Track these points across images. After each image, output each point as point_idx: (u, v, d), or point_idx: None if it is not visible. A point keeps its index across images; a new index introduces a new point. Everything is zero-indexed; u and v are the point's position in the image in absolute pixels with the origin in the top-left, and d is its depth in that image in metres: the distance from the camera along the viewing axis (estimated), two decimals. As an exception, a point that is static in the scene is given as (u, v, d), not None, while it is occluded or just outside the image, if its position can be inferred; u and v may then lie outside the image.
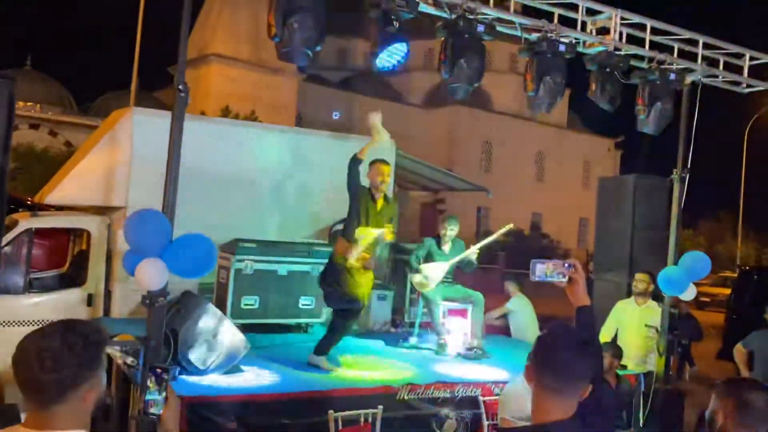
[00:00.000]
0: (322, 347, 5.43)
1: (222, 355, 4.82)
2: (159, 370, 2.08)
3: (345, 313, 5.51)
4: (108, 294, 6.87)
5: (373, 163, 5.56)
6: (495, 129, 39.28)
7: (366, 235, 5.32)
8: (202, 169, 7.14)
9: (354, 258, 5.32)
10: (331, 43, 40.26)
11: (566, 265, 2.39)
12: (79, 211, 7.28)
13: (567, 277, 2.37)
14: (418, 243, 7.43)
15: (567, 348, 1.89)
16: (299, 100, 33.89)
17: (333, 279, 5.46)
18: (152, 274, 3.63)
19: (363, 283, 5.46)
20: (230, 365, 4.90)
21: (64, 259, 7.85)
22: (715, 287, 24.69)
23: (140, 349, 3.71)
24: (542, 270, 2.40)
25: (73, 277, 7.22)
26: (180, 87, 3.85)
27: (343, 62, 41.24)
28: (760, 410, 2.11)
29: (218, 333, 4.78)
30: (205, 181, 7.13)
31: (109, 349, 3.23)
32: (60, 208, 7.41)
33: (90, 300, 6.84)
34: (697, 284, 5.94)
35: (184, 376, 4.60)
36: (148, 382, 1.99)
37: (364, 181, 5.57)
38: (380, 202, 5.50)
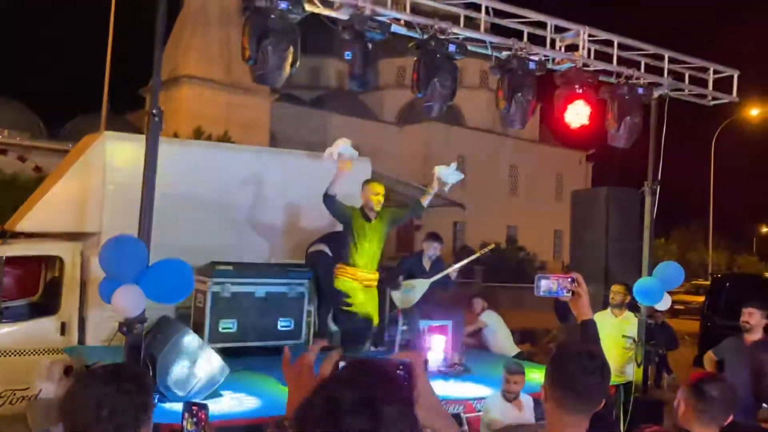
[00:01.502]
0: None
1: (201, 381, 4.76)
2: (194, 408, 2.02)
3: (356, 335, 5.56)
4: (82, 321, 6.76)
5: (366, 183, 5.68)
6: (468, 144, 39.60)
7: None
8: (175, 192, 7.08)
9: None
10: (304, 61, 40.30)
11: (570, 279, 2.42)
12: (51, 237, 7.16)
13: (570, 292, 2.41)
14: (398, 260, 7.46)
15: (579, 368, 1.89)
16: (272, 120, 33.84)
17: (340, 301, 5.44)
18: (129, 300, 3.59)
19: (368, 302, 5.50)
20: (210, 390, 4.84)
21: (36, 287, 7.71)
22: (689, 295, 25.01)
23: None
24: (548, 285, 2.42)
25: (46, 306, 7.09)
26: (153, 111, 3.83)
27: (316, 81, 41.36)
28: (717, 399, 2.20)
29: (197, 358, 4.73)
30: (179, 204, 7.07)
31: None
32: (32, 236, 7.29)
33: (63, 328, 6.73)
34: (671, 292, 6.03)
35: (163, 404, 4.54)
36: (184, 421, 1.93)
37: (352, 202, 5.65)
38: (373, 220, 5.56)
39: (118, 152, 6.91)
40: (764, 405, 4.80)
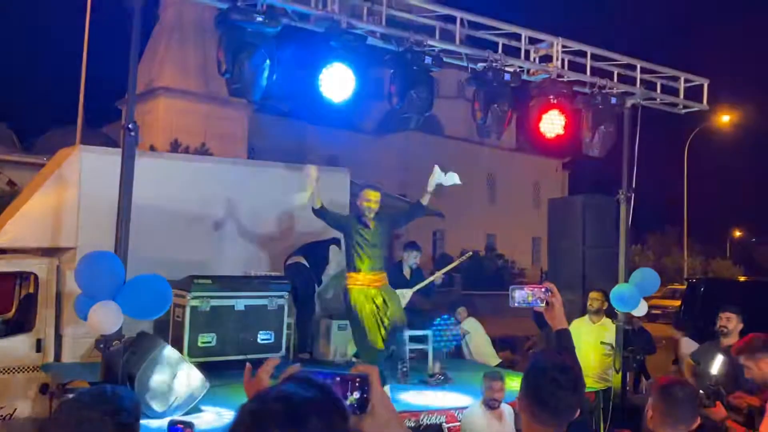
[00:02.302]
0: None
1: (181, 397, 4.71)
2: (180, 426, 2.00)
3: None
4: (58, 338, 6.65)
5: (361, 189, 5.70)
6: (447, 153, 39.70)
7: None
8: (152, 205, 7.03)
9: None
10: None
11: (544, 290, 2.45)
12: (26, 253, 7.05)
13: (545, 302, 2.43)
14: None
15: (552, 383, 1.91)
16: (250, 131, 33.72)
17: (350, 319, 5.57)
18: (106, 317, 3.55)
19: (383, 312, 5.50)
20: (190, 406, 4.79)
21: (10, 304, 7.57)
22: (665, 299, 25.33)
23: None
24: (522, 296, 2.45)
25: (21, 323, 6.96)
26: (129, 126, 3.81)
27: (293, 91, 41.27)
28: (682, 403, 2.24)
29: (176, 374, 4.68)
30: (157, 217, 7.01)
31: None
32: (5, 251, 7.17)
33: (39, 345, 6.61)
34: (648, 297, 6.12)
35: (143, 421, 4.48)
36: None
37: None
38: (372, 226, 5.58)
39: (93, 166, 6.84)
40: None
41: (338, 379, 1.30)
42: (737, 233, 56.61)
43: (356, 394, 1.29)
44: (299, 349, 7.16)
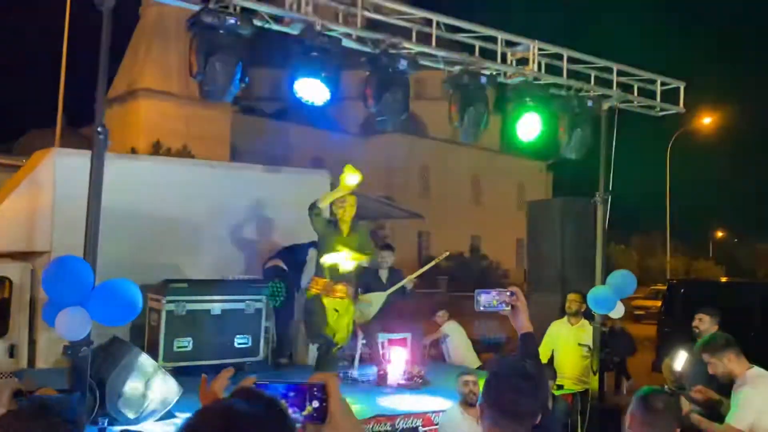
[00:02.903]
0: None
1: (154, 402, 4.65)
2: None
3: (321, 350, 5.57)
4: (32, 344, 6.56)
5: None
6: (431, 155, 39.89)
7: (326, 262, 5.39)
8: (129, 209, 6.96)
9: (322, 288, 5.34)
10: (265, 74, 40.18)
11: (509, 293, 2.43)
12: (4, 257, 6.94)
13: (510, 306, 2.42)
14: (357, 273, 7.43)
15: (516, 388, 1.90)
16: (233, 133, 33.56)
17: (307, 316, 5.59)
18: (73, 323, 3.50)
19: (335, 321, 5.50)
20: (163, 412, 4.74)
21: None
22: (649, 300, 25.51)
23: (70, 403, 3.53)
24: (487, 300, 2.43)
25: (-6, 328, 6.86)
26: (99, 129, 3.75)
27: (277, 93, 41.20)
28: (661, 412, 2.24)
29: (149, 380, 4.62)
30: (134, 221, 6.94)
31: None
32: None
33: (12, 351, 6.50)
34: (632, 298, 6.17)
35: (115, 427, 4.42)
36: None
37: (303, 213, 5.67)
38: (345, 232, 5.56)
39: (68, 169, 6.74)
40: None
41: (295, 389, 1.28)
42: (719, 234, 57.23)
43: (315, 403, 1.26)
44: (278, 354, 7.11)
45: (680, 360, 5.48)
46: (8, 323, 6.55)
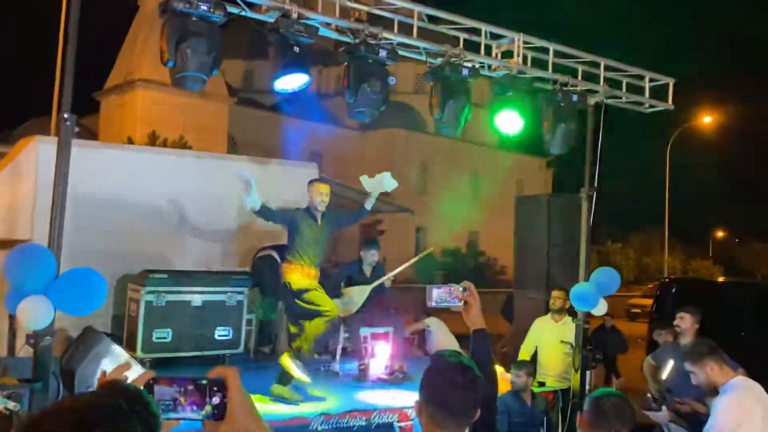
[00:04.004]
0: (286, 376, 5.30)
1: (125, 393, 4.60)
2: None
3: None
4: (13, 333, 6.51)
5: (310, 183, 5.65)
6: (430, 150, 39.78)
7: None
8: (113, 198, 6.93)
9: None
10: (262, 66, 40.05)
11: (462, 289, 2.38)
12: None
13: (462, 301, 2.36)
14: (339, 266, 7.38)
15: (449, 383, 1.86)
16: (231, 124, 33.46)
17: (287, 304, 5.57)
18: (35, 312, 3.44)
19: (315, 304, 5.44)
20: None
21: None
22: (645, 298, 25.45)
23: (24, 393, 3.49)
24: (439, 295, 2.38)
25: (-24, 316, 6.82)
26: (65, 116, 3.69)
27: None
28: (608, 414, 2.23)
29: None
30: (118, 211, 6.91)
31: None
32: None
33: (-8, 340, 6.48)
34: (627, 296, 6.12)
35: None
36: None
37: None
38: (320, 221, 5.51)
39: (51, 157, 6.68)
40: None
41: (195, 384, 1.22)
42: (720, 234, 57.13)
43: (215, 399, 1.21)
44: (260, 342, 7.08)
45: (668, 369, 5.39)
46: (-12, 312, 6.52)
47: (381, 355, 6.49)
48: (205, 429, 1.21)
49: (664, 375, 5.16)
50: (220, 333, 6.51)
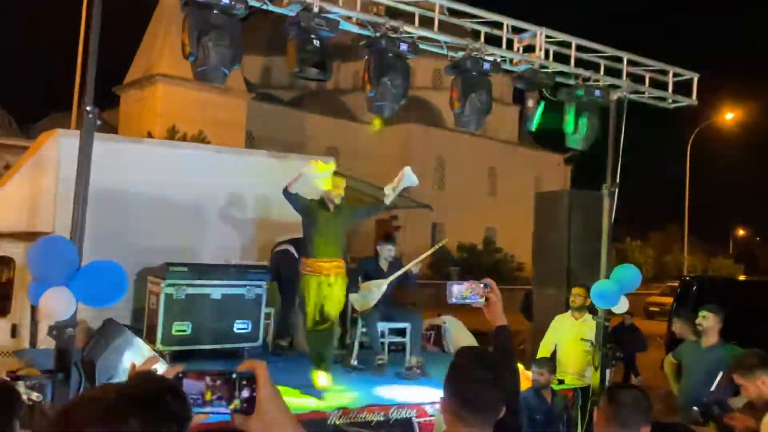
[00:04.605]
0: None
1: (145, 385, 4.63)
2: None
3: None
4: (35, 324, 6.58)
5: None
6: (447, 145, 39.67)
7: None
8: (133, 192, 6.97)
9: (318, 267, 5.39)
10: (282, 62, 40.14)
11: (483, 285, 2.35)
12: (5, 237, 6.98)
13: (484, 298, 2.34)
14: (357, 260, 7.37)
15: (475, 380, 1.83)
16: (249, 119, 33.62)
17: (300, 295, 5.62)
18: (57, 303, 3.46)
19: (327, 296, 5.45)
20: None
21: (-11, 288, 7.51)
22: (664, 297, 25.19)
23: (46, 384, 3.52)
24: (460, 292, 2.35)
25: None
26: (88, 108, 3.71)
27: (295, 81, 41.20)
28: (627, 405, 2.17)
29: (140, 362, 4.59)
30: (139, 204, 6.95)
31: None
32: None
33: (14, 330, 6.55)
34: (647, 294, 6.04)
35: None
36: None
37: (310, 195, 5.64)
38: (333, 213, 5.53)
39: (72, 150, 6.73)
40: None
41: (224, 378, 1.21)
42: (741, 232, 56.40)
43: (244, 393, 1.21)
44: (279, 335, 7.10)
45: (716, 381, 5.23)
46: (11, 303, 6.60)
47: (398, 350, 6.48)
48: (235, 423, 1.20)
49: (713, 387, 5.01)
50: (239, 326, 6.54)
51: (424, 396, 5.49)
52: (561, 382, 6.32)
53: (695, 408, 4.74)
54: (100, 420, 0.92)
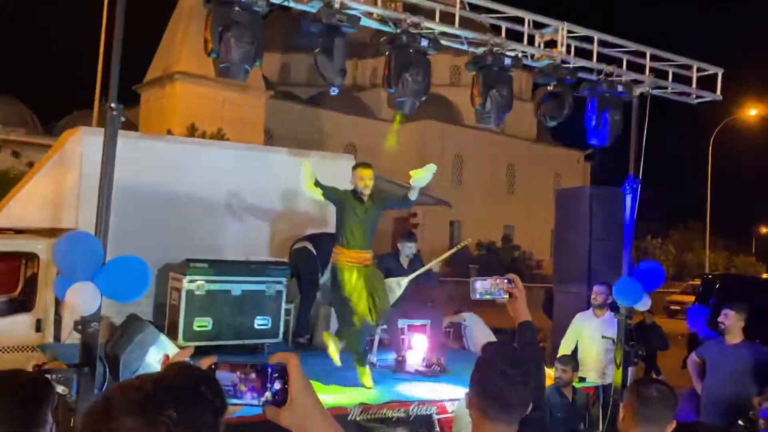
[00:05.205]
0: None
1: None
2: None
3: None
4: (58, 319, 6.67)
5: (354, 168, 5.66)
6: (466, 143, 39.55)
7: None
8: (156, 189, 7.03)
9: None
10: (301, 59, 40.28)
11: (507, 281, 2.34)
12: (30, 233, 7.08)
13: (507, 294, 2.32)
14: (378, 257, 7.37)
15: (503, 378, 1.81)
16: (268, 117, 33.77)
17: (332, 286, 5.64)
18: (83, 298, 3.51)
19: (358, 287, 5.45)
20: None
21: (16, 283, 7.62)
22: (685, 295, 24.92)
23: (72, 378, 3.56)
24: (483, 287, 2.34)
25: (24, 302, 7.00)
26: (112, 105, 3.74)
27: (313, 79, 41.30)
28: (654, 400, 2.14)
29: (162, 357, 4.64)
30: (160, 200, 7.01)
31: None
32: (20, 231, 7.21)
33: (39, 325, 6.65)
34: (667, 293, 5.98)
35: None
36: None
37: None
38: (366, 203, 5.54)
39: (95, 147, 6.79)
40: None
41: (256, 370, 1.22)
42: (763, 230, 55.55)
43: (276, 385, 1.21)
44: (298, 333, 7.12)
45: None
46: (35, 298, 6.69)
47: (418, 347, 6.48)
48: (266, 415, 1.21)
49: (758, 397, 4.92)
50: (259, 322, 6.57)
51: (445, 393, 5.49)
52: (582, 380, 6.28)
53: (740, 422, 4.68)
54: (137, 410, 0.92)
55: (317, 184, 5.45)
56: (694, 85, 6.40)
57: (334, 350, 5.40)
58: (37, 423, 1.56)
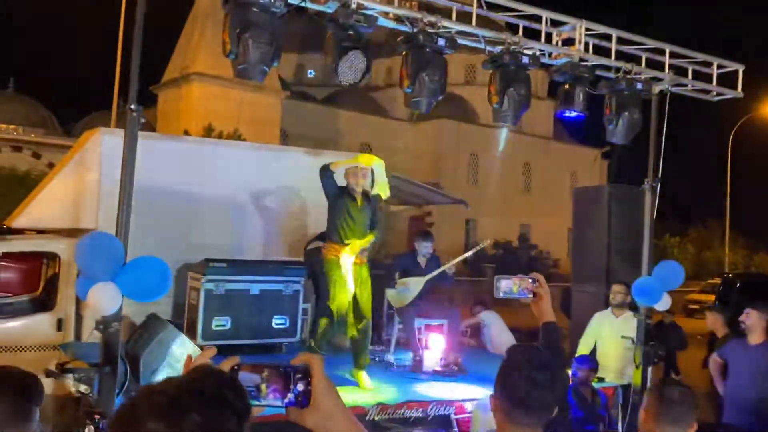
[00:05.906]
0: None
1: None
2: (96, 416, 1.96)
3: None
4: (79, 318, 6.75)
5: (349, 167, 5.66)
6: (481, 141, 39.40)
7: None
8: (174, 189, 7.09)
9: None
10: (317, 59, 40.36)
11: (531, 280, 2.33)
12: (51, 234, 7.16)
13: (532, 293, 2.31)
14: (394, 256, 7.38)
15: (529, 381, 1.79)
16: (284, 117, 33.89)
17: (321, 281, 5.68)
18: (104, 298, 3.54)
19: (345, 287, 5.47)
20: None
21: (37, 283, 7.72)
22: (704, 294, 24.62)
23: (94, 377, 3.60)
24: (508, 286, 2.33)
25: (45, 302, 7.09)
26: (132, 107, 3.77)
27: (329, 79, 41.34)
28: (676, 402, 2.12)
29: (183, 356, 4.68)
30: (178, 201, 7.06)
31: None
32: (42, 232, 7.30)
33: (60, 324, 6.72)
34: (686, 292, 5.92)
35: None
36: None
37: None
38: (360, 201, 5.52)
39: (114, 148, 6.85)
40: None
41: (279, 371, 1.22)
42: (785, 228, 54.76)
43: (299, 387, 1.21)
44: (313, 334, 7.13)
45: None
46: (56, 298, 6.77)
47: (435, 347, 6.46)
48: (290, 416, 1.21)
49: None
50: (277, 322, 6.61)
51: (462, 392, 5.47)
52: (601, 380, 6.23)
53: None
54: (161, 414, 0.93)
55: (330, 172, 5.49)
56: (714, 83, 6.33)
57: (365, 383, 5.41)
58: (25, 420, 1.58)
